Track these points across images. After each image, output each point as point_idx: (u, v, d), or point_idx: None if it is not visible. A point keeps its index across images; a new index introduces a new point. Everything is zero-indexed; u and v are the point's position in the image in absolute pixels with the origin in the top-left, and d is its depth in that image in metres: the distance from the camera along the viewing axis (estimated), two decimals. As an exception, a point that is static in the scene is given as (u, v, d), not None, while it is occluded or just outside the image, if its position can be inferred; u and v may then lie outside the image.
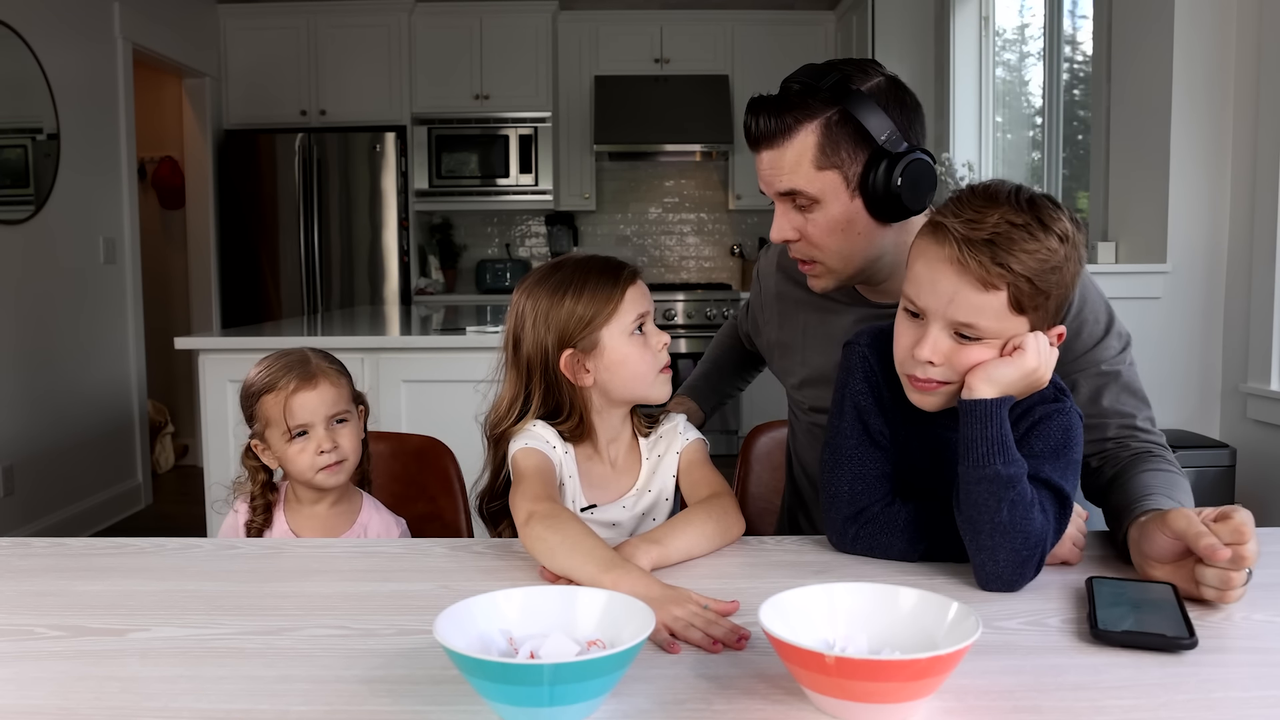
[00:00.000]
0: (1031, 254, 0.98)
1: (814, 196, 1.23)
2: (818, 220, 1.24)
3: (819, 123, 1.21)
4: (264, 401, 1.37)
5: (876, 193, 1.21)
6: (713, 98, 5.47)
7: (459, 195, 5.57)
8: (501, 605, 0.82)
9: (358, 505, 1.44)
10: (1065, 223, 1.00)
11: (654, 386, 1.26)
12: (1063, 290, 1.02)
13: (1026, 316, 1.01)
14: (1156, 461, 1.20)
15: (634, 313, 1.23)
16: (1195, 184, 2.83)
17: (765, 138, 1.24)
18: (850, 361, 1.17)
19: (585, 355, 1.23)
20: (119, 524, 4.27)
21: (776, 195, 1.26)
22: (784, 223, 1.27)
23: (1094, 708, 0.75)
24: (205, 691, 0.79)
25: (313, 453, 1.35)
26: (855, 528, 1.12)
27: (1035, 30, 4.22)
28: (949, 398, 1.06)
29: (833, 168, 1.22)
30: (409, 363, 2.75)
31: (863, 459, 1.13)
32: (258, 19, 5.41)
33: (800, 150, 1.22)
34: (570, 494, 1.24)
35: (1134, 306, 2.84)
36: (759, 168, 1.27)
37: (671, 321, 5.17)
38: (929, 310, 1.03)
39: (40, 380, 3.89)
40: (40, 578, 1.09)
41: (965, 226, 0.99)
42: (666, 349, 1.27)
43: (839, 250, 1.26)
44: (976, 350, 1.02)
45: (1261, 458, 2.66)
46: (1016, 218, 0.99)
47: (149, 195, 5.52)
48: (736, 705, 0.76)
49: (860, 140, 1.21)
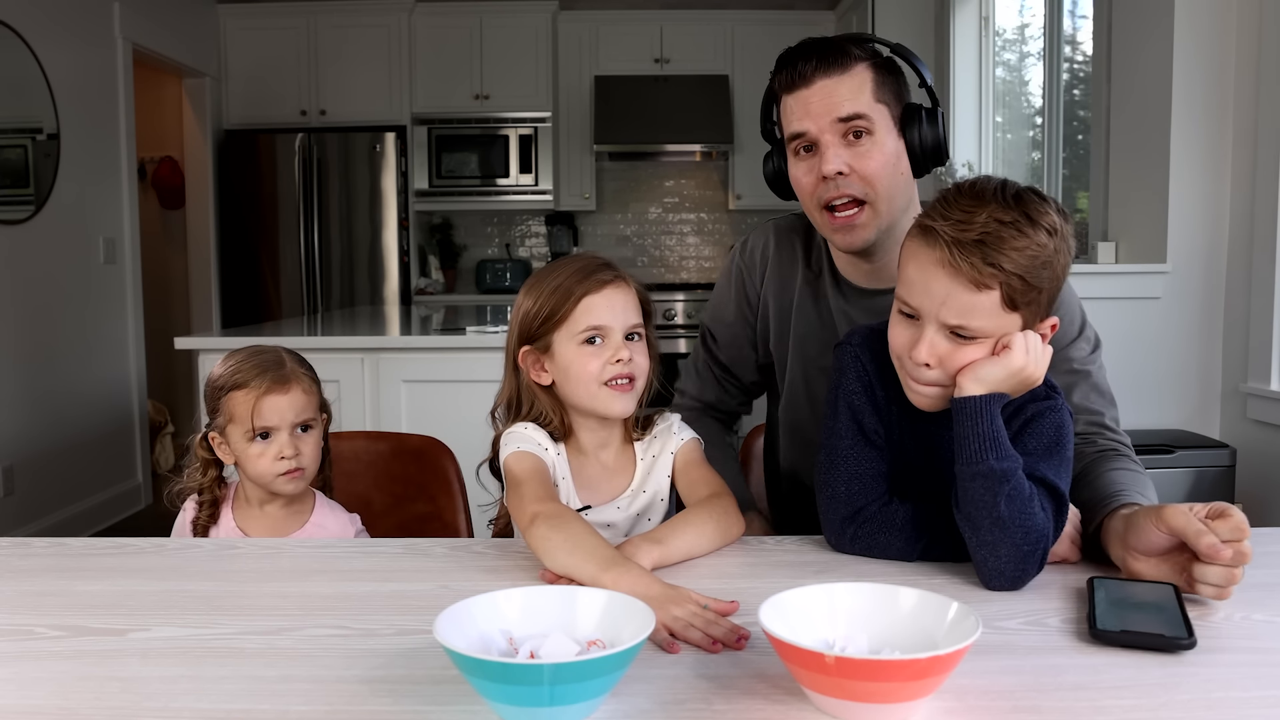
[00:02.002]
0: (1022, 251, 0.99)
1: (873, 124, 1.27)
2: (871, 153, 1.27)
3: (871, 61, 1.29)
4: (232, 397, 1.33)
5: (920, 136, 1.29)
6: (713, 98, 5.48)
7: (459, 195, 5.57)
8: (501, 605, 0.82)
9: (310, 505, 1.40)
10: (1052, 215, 1.01)
11: (597, 400, 1.21)
12: (1054, 284, 1.03)
13: (1020, 313, 1.01)
14: (1123, 460, 1.22)
15: (586, 323, 1.20)
16: (1195, 184, 2.83)
17: (824, 66, 1.27)
18: (843, 362, 1.17)
19: (541, 354, 1.23)
20: (119, 524, 4.28)
21: (834, 122, 1.27)
22: (835, 155, 1.27)
23: (1094, 708, 0.75)
24: (206, 691, 0.79)
25: (273, 457, 1.32)
26: (853, 528, 1.12)
27: (1035, 30, 4.22)
28: (947, 398, 1.06)
29: (883, 103, 1.28)
30: (409, 363, 2.75)
31: (859, 459, 1.13)
32: (258, 19, 5.41)
33: (860, 80, 1.27)
34: (564, 496, 1.23)
35: (1134, 306, 2.84)
36: (809, 101, 1.28)
37: (671, 321, 5.17)
38: (923, 311, 1.03)
39: (40, 380, 3.89)
40: (40, 578, 1.09)
41: (954, 228, 0.99)
42: (620, 364, 1.20)
43: (888, 187, 1.29)
44: (972, 350, 1.02)
45: (1261, 458, 2.66)
46: (1004, 215, 0.99)
47: (149, 195, 5.52)
48: (737, 705, 0.76)
49: (900, 88, 1.30)
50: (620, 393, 1.21)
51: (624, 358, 1.20)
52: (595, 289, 1.21)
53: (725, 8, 5.58)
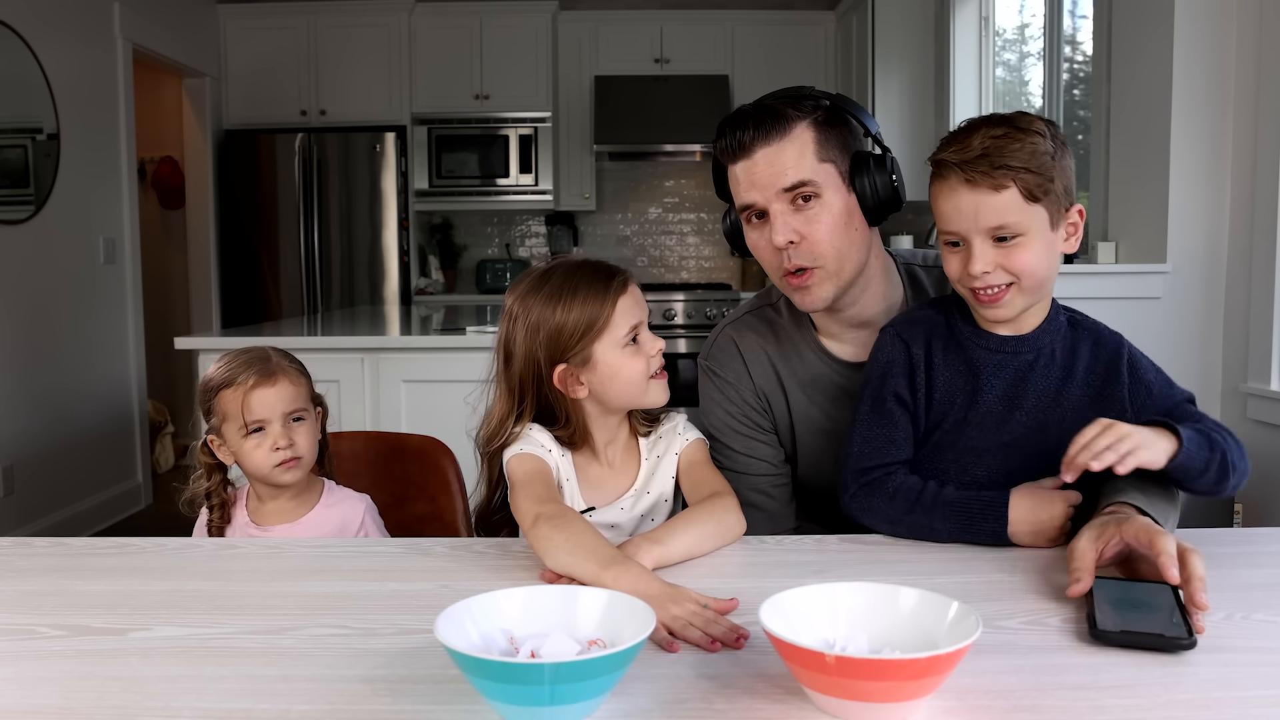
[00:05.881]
0: (1021, 149, 1.12)
1: (819, 188, 1.25)
2: (820, 216, 1.25)
3: (811, 120, 1.26)
4: (222, 396, 1.36)
5: (876, 185, 1.27)
6: (713, 98, 5.47)
7: (459, 195, 5.57)
8: (502, 605, 0.83)
9: (319, 491, 1.43)
10: (1039, 123, 1.15)
11: (648, 393, 1.24)
12: (1065, 175, 1.15)
13: (1042, 204, 1.13)
14: None
15: (626, 325, 1.21)
16: (1195, 184, 2.83)
17: (762, 136, 1.25)
18: (883, 341, 1.27)
19: (579, 369, 1.21)
20: (119, 524, 4.27)
21: (778, 193, 1.25)
22: (783, 225, 1.25)
23: (1094, 707, 0.75)
24: (207, 691, 0.79)
25: (268, 449, 1.34)
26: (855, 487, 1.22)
27: (1035, 30, 4.22)
28: (1016, 306, 1.17)
29: (829, 161, 1.26)
30: (409, 363, 2.75)
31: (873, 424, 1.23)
32: (258, 19, 5.41)
33: (802, 142, 1.25)
34: (568, 497, 1.23)
35: (1134, 306, 2.84)
36: (752, 172, 1.26)
37: (671, 321, 5.17)
38: (964, 231, 1.15)
39: (40, 380, 3.89)
40: (41, 577, 1.09)
41: (958, 153, 1.14)
42: (660, 354, 1.24)
43: (839, 248, 1.27)
44: (1020, 250, 1.14)
45: (1261, 458, 2.66)
46: (996, 130, 1.13)
47: (149, 195, 5.52)
48: (737, 705, 0.77)
49: (845, 139, 1.28)
50: (663, 380, 1.25)
51: (660, 347, 1.24)
52: (622, 290, 1.22)
53: (725, 8, 5.58)
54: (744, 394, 1.39)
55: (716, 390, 1.40)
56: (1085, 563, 0.98)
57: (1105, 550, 1.00)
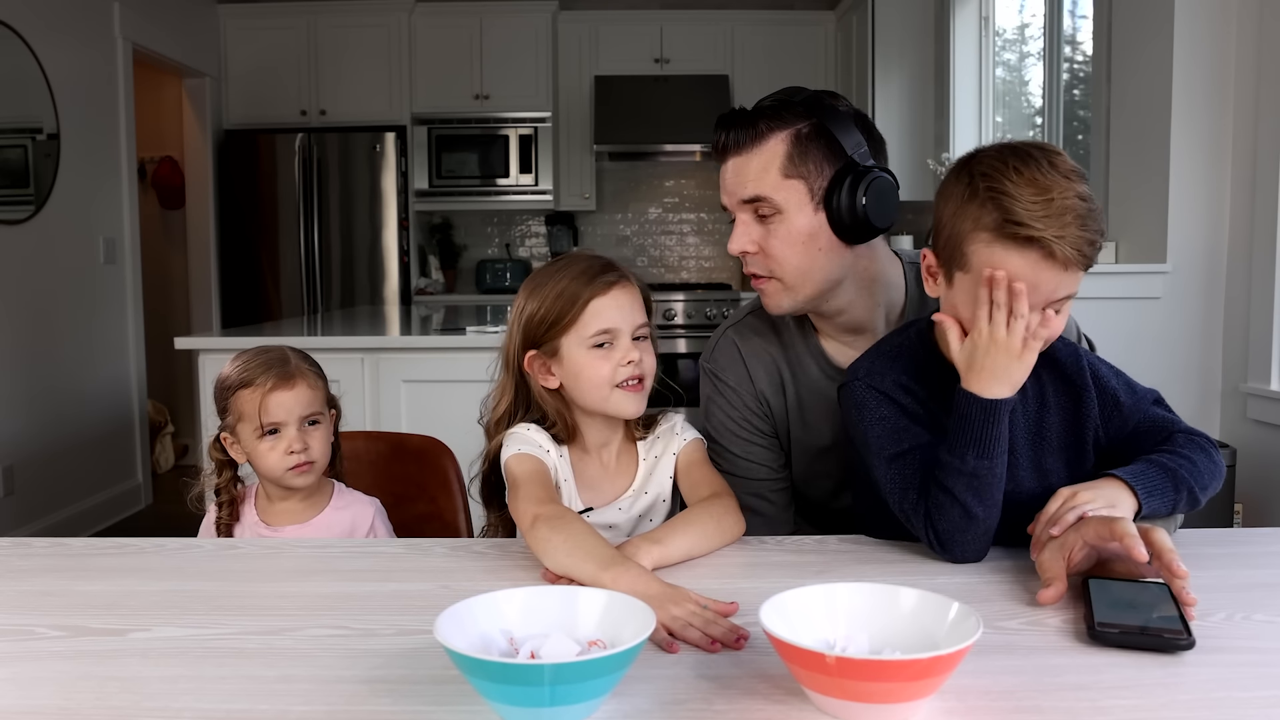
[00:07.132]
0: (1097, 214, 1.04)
1: (778, 205, 1.23)
2: (779, 232, 1.24)
3: (790, 132, 1.23)
4: (240, 396, 1.35)
5: (841, 207, 1.22)
6: (713, 98, 5.47)
7: (459, 195, 5.57)
8: (502, 605, 0.83)
9: (328, 494, 1.43)
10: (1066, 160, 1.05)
11: (610, 401, 1.21)
12: None
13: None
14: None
15: (596, 326, 1.19)
16: (1195, 184, 2.83)
17: (734, 145, 1.24)
18: (858, 397, 1.16)
19: (549, 359, 1.22)
20: (119, 524, 4.27)
21: (739, 204, 1.25)
22: (743, 233, 1.26)
23: (1094, 708, 0.75)
24: (206, 691, 0.79)
25: (282, 452, 1.34)
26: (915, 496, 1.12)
27: (1035, 30, 4.22)
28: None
29: (799, 178, 1.23)
30: (409, 363, 2.75)
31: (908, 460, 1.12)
32: (258, 19, 5.41)
33: (769, 157, 1.23)
34: (566, 497, 1.23)
35: (1134, 306, 2.84)
36: (723, 179, 1.27)
37: (671, 321, 5.17)
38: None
39: (40, 380, 3.89)
40: (41, 578, 1.09)
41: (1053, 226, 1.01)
42: (634, 366, 1.20)
43: (798, 266, 1.25)
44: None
45: (1261, 458, 2.66)
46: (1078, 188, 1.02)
47: (149, 195, 5.52)
48: (737, 705, 0.76)
49: (830, 154, 1.23)
50: (632, 393, 1.21)
51: (634, 359, 1.20)
52: (602, 291, 1.20)
53: (725, 8, 5.58)
54: (745, 398, 1.38)
55: (717, 394, 1.40)
56: (1055, 570, 0.97)
57: (1072, 557, 0.98)
